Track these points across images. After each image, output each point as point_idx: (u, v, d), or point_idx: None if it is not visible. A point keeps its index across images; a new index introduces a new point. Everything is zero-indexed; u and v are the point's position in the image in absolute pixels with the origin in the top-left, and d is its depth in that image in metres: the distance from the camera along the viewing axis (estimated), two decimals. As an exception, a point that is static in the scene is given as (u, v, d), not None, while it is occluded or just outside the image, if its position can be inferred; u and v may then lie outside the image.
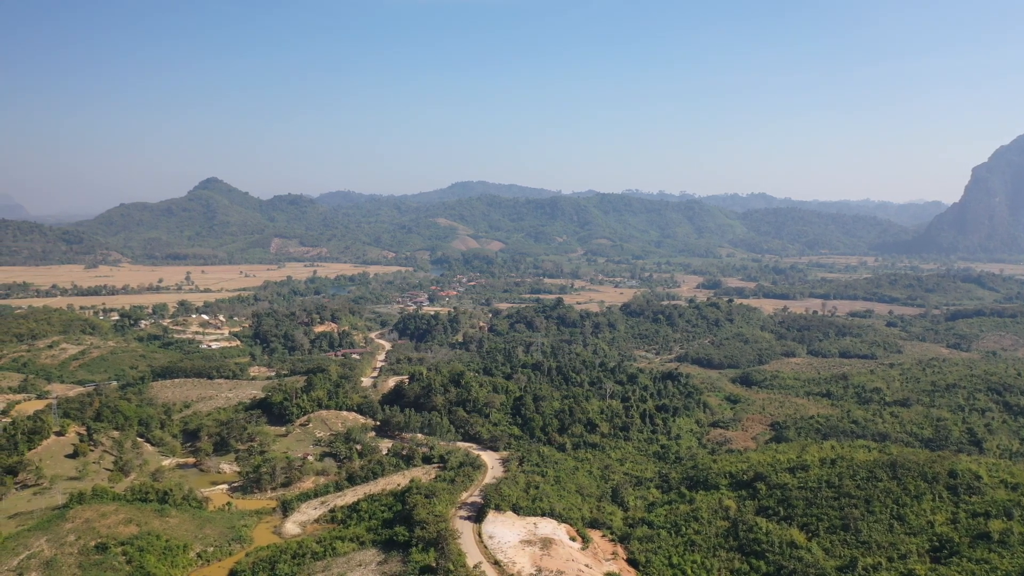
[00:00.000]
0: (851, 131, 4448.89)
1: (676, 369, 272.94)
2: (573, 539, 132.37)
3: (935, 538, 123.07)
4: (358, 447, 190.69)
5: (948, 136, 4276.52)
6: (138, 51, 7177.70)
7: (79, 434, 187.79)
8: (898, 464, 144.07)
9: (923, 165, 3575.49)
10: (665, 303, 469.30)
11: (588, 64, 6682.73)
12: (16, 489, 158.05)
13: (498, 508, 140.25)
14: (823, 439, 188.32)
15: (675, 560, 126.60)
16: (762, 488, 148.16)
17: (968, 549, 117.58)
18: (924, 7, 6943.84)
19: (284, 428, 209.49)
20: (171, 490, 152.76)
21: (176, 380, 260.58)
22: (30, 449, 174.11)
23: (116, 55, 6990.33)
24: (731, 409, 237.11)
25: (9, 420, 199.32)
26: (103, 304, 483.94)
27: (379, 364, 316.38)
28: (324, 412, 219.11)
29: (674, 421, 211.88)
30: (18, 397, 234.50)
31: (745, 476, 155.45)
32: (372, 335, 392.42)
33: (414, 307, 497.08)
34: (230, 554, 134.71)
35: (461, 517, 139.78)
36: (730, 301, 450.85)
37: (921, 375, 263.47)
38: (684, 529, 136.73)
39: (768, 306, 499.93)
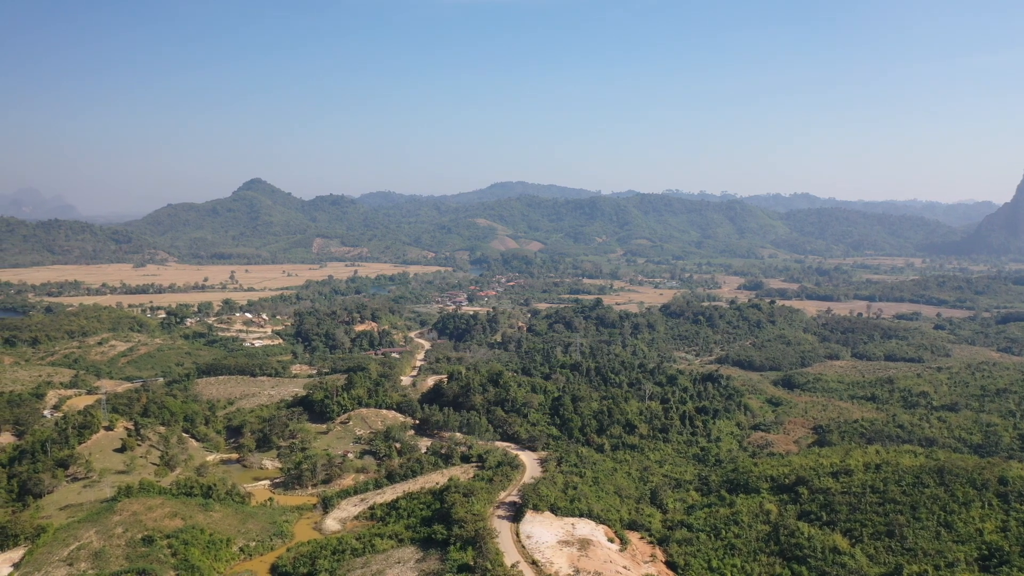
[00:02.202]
0: (899, 130, 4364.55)
1: (716, 371, 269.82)
2: (611, 540, 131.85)
3: (984, 546, 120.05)
4: (397, 445, 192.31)
5: (999, 135, 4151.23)
6: (185, 54, 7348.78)
7: (127, 429, 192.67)
8: (946, 470, 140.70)
9: (973, 164, 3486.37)
10: (705, 304, 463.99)
11: (629, 65, 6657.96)
12: (67, 482, 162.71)
13: (536, 508, 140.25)
14: (867, 443, 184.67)
15: (715, 564, 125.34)
16: (804, 492, 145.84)
17: (1019, 558, 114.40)
18: (972, 5, 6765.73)
19: (325, 426, 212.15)
20: (215, 485, 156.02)
21: (220, 377, 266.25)
22: (80, 443, 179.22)
23: (166, 59, 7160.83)
24: (772, 412, 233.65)
25: (61, 415, 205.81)
26: (151, 302, 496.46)
27: (418, 363, 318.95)
28: (364, 410, 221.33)
29: (714, 423, 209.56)
30: (69, 392, 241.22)
31: (787, 480, 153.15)
32: (412, 334, 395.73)
33: (453, 307, 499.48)
34: (272, 549, 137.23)
35: (499, 516, 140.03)
36: (772, 302, 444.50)
37: (970, 379, 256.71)
38: (724, 532, 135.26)
39: (811, 308, 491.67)
